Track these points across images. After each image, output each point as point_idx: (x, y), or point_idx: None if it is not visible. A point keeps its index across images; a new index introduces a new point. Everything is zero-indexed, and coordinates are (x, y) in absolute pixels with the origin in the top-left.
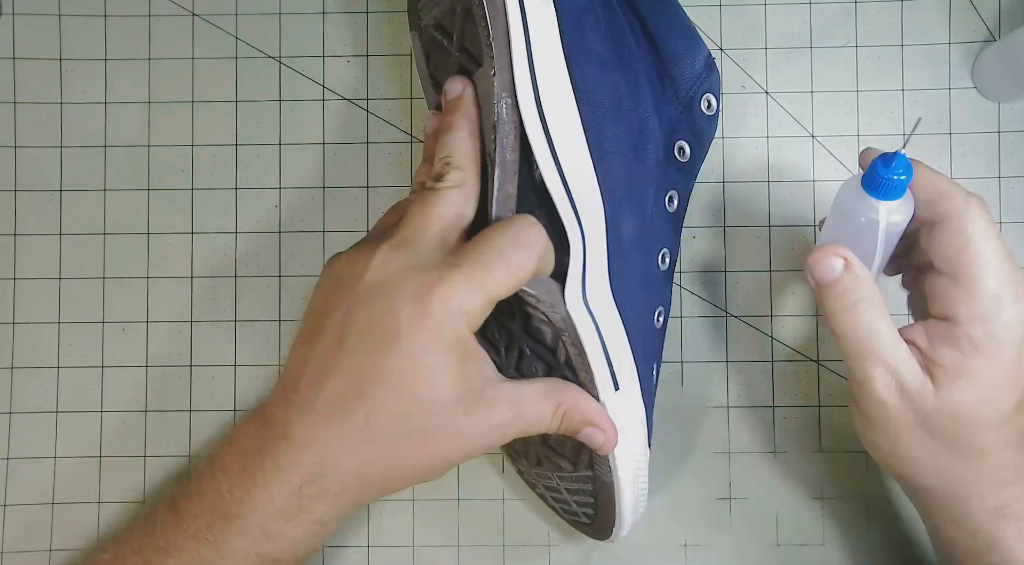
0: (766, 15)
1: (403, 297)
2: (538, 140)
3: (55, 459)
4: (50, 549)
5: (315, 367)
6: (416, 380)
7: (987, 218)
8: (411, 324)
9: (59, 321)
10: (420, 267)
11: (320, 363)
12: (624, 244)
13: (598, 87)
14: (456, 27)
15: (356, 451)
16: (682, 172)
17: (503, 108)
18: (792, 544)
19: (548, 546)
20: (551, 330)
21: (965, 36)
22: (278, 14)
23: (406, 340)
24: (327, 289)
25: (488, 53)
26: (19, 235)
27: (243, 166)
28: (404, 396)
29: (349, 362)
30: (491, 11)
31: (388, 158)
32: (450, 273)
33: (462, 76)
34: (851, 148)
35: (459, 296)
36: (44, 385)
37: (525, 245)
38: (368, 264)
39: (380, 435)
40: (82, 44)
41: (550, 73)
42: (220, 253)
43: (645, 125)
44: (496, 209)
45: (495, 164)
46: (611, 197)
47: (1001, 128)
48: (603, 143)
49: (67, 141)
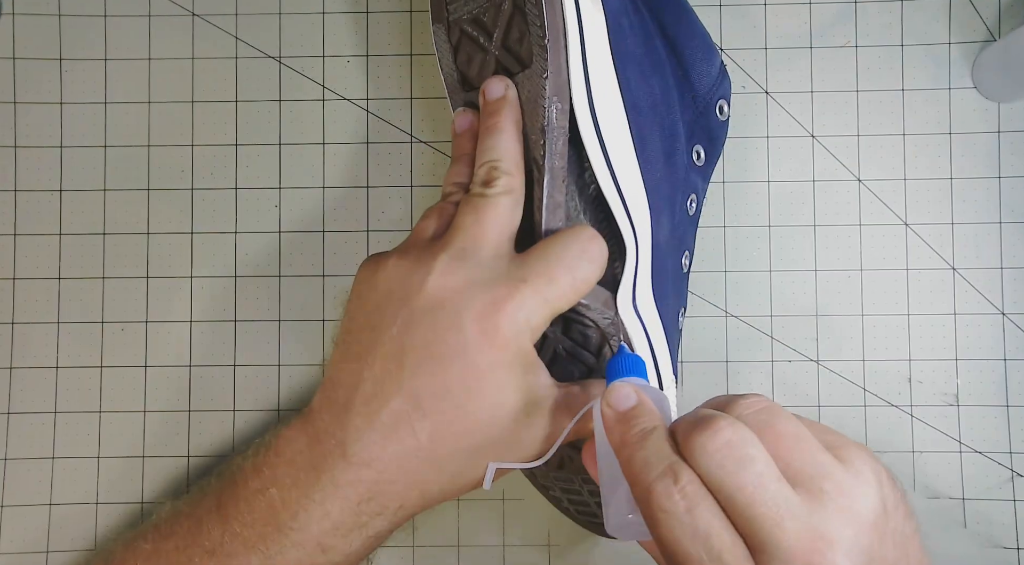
0: (766, 15)
1: (469, 313)
2: (593, 147)
3: (55, 459)
4: (47, 550)
5: (372, 386)
6: (482, 397)
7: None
8: (478, 342)
9: (59, 321)
10: (484, 282)
11: (378, 382)
12: (662, 248)
13: (640, 91)
14: (500, 24)
15: (417, 470)
16: (700, 175)
17: (553, 112)
18: None
19: (548, 546)
20: (597, 334)
21: (965, 36)
22: (278, 14)
23: (473, 357)
24: (374, 300)
25: (540, 55)
26: (19, 235)
27: (243, 166)
28: (469, 414)
29: (412, 383)
30: (548, 11)
31: (388, 158)
32: (517, 289)
33: (503, 76)
34: (851, 148)
35: (526, 312)
36: (44, 385)
37: (591, 258)
38: (426, 277)
39: (442, 453)
40: (82, 44)
41: (602, 77)
42: (220, 253)
43: (675, 129)
44: (546, 217)
45: (543, 170)
46: (654, 202)
47: (1001, 128)
48: (647, 148)
49: (67, 141)
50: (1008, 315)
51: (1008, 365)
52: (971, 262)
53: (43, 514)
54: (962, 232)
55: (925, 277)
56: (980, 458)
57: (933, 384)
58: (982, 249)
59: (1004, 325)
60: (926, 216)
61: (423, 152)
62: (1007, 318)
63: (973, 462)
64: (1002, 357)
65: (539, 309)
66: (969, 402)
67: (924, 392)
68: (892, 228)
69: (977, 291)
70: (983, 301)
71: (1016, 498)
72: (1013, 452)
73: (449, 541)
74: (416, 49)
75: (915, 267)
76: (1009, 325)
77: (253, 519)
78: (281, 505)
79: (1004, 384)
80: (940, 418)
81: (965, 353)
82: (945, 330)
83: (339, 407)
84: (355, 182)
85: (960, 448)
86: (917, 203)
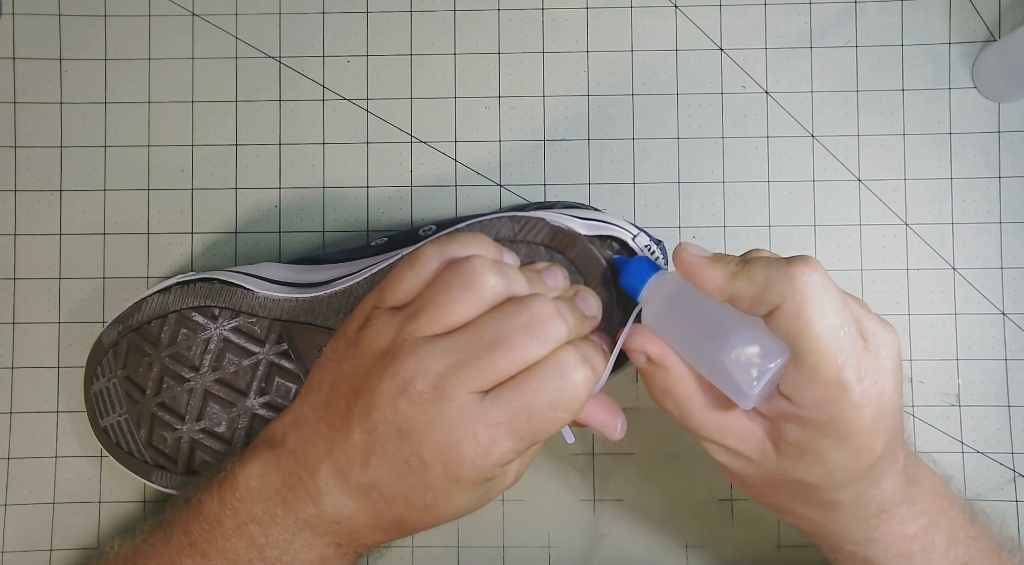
0: (766, 15)
1: (430, 448)
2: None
3: (55, 459)
4: (51, 549)
5: (343, 459)
6: (442, 510)
7: (821, 286)
8: (440, 476)
9: (59, 321)
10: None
11: (348, 459)
12: None
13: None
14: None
15: (386, 534)
16: None
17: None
18: (793, 545)
19: (548, 548)
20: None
21: (965, 36)
22: (278, 14)
23: (431, 483)
24: (366, 362)
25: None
26: (19, 235)
27: (243, 166)
28: (429, 516)
29: (377, 474)
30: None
31: (388, 158)
32: (488, 432)
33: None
34: (851, 148)
35: (497, 455)
36: (44, 385)
37: (569, 409)
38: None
39: (406, 529)
40: (82, 44)
41: None
42: (220, 253)
43: None
44: None
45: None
46: None
47: (1001, 128)
48: None
49: (67, 141)
50: (1008, 315)
51: (1009, 365)
52: (971, 262)
53: (45, 513)
54: (962, 232)
55: (925, 277)
56: (981, 458)
57: (934, 384)
58: (982, 249)
59: (1005, 325)
60: (926, 216)
61: (423, 152)
62: (1007, 318)
63: (974, 462)
64: (1003, 357)
65: (512, 448)
66: (970, 402)
67: (925, 392)
68: (892, 228)
69: (977, 291)
70: (983, 301)
71: (1018, 498)
72: (1015, 452)
73: (449, 541)
74: (416, 49)
75: (915, 267)
76: (1010, 325)
77: (237, 556)
78: (265, 541)
79: (1005, 384)
80: (941, 418)
81: (966, 353)
82: (946, 330)
83: (312, 462)
84: (355, 182)
85: (961, 448)
86: (917, 203)
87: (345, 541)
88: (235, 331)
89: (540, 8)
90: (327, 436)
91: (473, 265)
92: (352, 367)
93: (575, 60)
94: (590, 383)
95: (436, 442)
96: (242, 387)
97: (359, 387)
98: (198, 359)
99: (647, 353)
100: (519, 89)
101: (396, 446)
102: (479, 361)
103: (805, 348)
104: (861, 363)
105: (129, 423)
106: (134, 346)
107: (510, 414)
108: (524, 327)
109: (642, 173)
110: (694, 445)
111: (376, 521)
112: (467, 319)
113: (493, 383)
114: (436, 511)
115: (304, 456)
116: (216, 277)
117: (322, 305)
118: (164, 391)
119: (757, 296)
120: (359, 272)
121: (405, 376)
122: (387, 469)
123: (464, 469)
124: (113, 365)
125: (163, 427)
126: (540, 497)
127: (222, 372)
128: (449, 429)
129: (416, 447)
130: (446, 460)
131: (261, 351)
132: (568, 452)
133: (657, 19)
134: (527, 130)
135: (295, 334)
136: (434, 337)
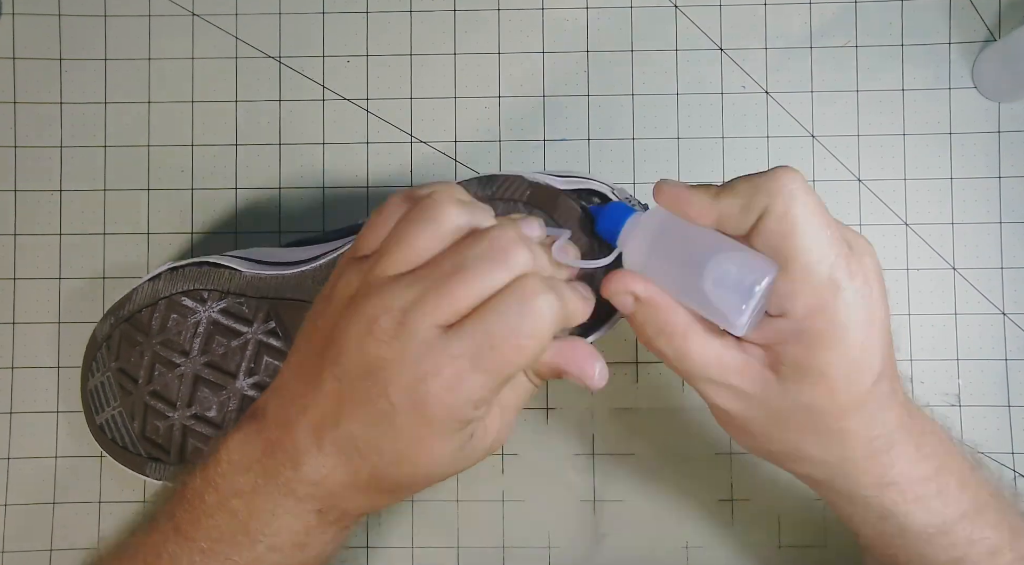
0: (766, 15)
1: (396, 386)
2: None
3: (55, 459)
4: (51, 549)
5: (318, 414)
6: (416, 460)
7: (805, 188)
8: (408, 417)
9: (59, 321)
10: (415, 354)
11: (323, 413)
12: None
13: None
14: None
15: (368, 495)
16: None
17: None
18: (794, 545)
19: (548, 548)
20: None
21: (965, 36)
22: (278, 14)
23: (402, 428)
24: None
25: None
26: (19, 235)
27: (243, 166)
28: (404, 470)
29: (349, 427)
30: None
31: (388, 158)
32: (452, 365)
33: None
34: (851, 148)
35: (465, 390)
36: (44, 385)
37: (533, 335)
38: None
39: (387, 487)
40: (82, 44)
41: None
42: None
43: None
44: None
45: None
46: None
47: (1001, 128)
48: None
49: (67, 141)
50: (1008, 315)
51: (1009, 365)
52: (971, 262)
53: (45, 513)
54: (962, 232)
55: (925, 277)
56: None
57: (934, 384)
58: (982, 249)
59: (1005, 325)
60: (926, 216)
61: (423, 152)
62: (1008, 318)
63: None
64: (1003, 357)
65: (481, 383)
66: (970, 402)
67: (925, 392)
68: (892, 228)
69: (977, 291)
70: (983, 301)
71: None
72: (1015, 452)
73: (449, 541)
74: (416, 49)
75: (915, 267)
76: (1010, 325)
77: (220, 533)
78: (248, 514)
79: (1005, 384)
80: (941, 418)
81: (966, 353)
82: (946, 330)
83: (290, 423)
84: (355, 182)
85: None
86: (917, 203)
87: (326, 507)
88: (223, 312)
89: (540, 8)
90: (302, 394)
91: (434, 199)
92: (324, 322)
93: (575, 60)
94: (555, 309)
95: (402, 380)
96: (231, 369)
97: (328, 337)
98: (188, 343)
99: (633, 292)
100: (519, 89)
101: (364, 389)
102: (439, 292)
103: (797, 248)
104: (850, 263)
105: (123, 416)
106: (126, 336)
107: (472, 345)
108: (483, 254)
109: (642, 173)
110: (695, 445)
111: (353, 479)
112: (431, 254)
113: (457, 315)
114: (411, 465)
115: (284, 420)
116: (206, 260)
117: (307, 279)
118: (156, 379)
119: (744, 205)
120: (344, 244)
121: (370, 314)
122: (359, 418)
123: (432, 407)
124: (107, 359)
125: (156, 416)
126: (540, 497)
127: (211, 355)
128: (413, 364)
129: (383, 387)
130: (414, 400)
131: (249, 331)
132: (568, 452)
133: (657, 19)
134: (527, 130)
135: (282, 311)
136: (399, 276)
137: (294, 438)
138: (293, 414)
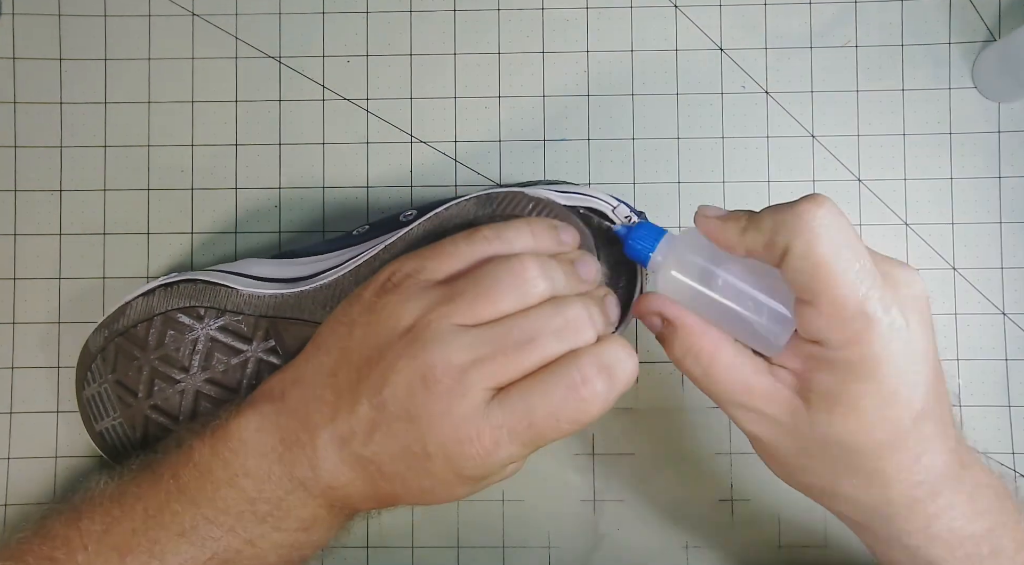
0: (766, 15)
1: (433, 442)
2: None
3: (55, 459)
4: None
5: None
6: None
7: (828, 223)
8: (442, 469)
9: (59, 321)
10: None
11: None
12: None
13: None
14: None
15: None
16: None
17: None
18: (794, 545)
19: (548, 548)
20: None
21: (965, 36)
22: (278, 14)
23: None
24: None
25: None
26: (19, 235)
27: (243, 166)
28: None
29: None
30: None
31: (388, 158)
32: (492, 434)
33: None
34: (851, 148)
35: (499, 457)
36: (44, 385)
37: (575, 421)
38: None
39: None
40: (82, 44)
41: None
42: (220, 253)
43: None
44: None
45: None
46: None
47: (1001, 128)
48: None
49: (67, 141)
50: (1009, 315)
51: (1009, 365)
52: (971, 262)
53: None
54: (962, 232)
55: (926, 277)
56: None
57: None
58: (982, 249)
59: (1005, 325)
60: (926, 216)
61: (423, 152)
62: (1008, 318)
63: None
64: (1003, 357)
65: (515, 452)
66: (970, 402)
67: None
68: (892, 228)
69: (977, 291)
70: (984, 301)
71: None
72: (1015, 452)
73: (449, 541)
74: (416, 49)
75: (915, 267)
76: (1010, 325)
77: (227, 506)
78: (258, 495)
79: (1006, 384)
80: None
81: (966, 353)
82: (946, 330)
83: (312, 424)
84: (355, 182)
85: None
86: (917, 203)
87: (338, 505)
88: (222, 330)
89: (540, 8)
90: (332, 403)
91: (524, 265)
92: (366, 335)
93: (575, 60)
94: (601, 400)
95: (442, 435)
96: (232, 385)
97: (373, 359)
98: (187, 360)
99: (662, 314)
100: (519, 89)
101: (402, 429)
102: (505, 360)
103: (823, 284)
104: (884, 296)
105: (124, 426)
106: (122, 350)
107: (514, 419)
108: (557, 332)
109: (642, 173)
110: (695, 445)
111: (371, 493)
112: (503, 315)
113: (510, 381)
114: (431, 496)
115: (305, 417)
116: (199, 278)
117: (307, 299)
118: (156, 393)
119: (767, 243)
120: (344, 265)
121: (427, 361)
122: (389, 449)
123: (466, 468)
124: (103, 370)
125: (158, 429)
126: (540, 497)
127: (212, 371)
128: (457, 424)
129: (421, 435)
130: (449, 455)
131: (249, 349)
132: (568, 452)
133: (657, 19)
134: (527, 130)
135: (282, 329)
136: (464, 327)
137: (315, 441)
138: (318, 417)
